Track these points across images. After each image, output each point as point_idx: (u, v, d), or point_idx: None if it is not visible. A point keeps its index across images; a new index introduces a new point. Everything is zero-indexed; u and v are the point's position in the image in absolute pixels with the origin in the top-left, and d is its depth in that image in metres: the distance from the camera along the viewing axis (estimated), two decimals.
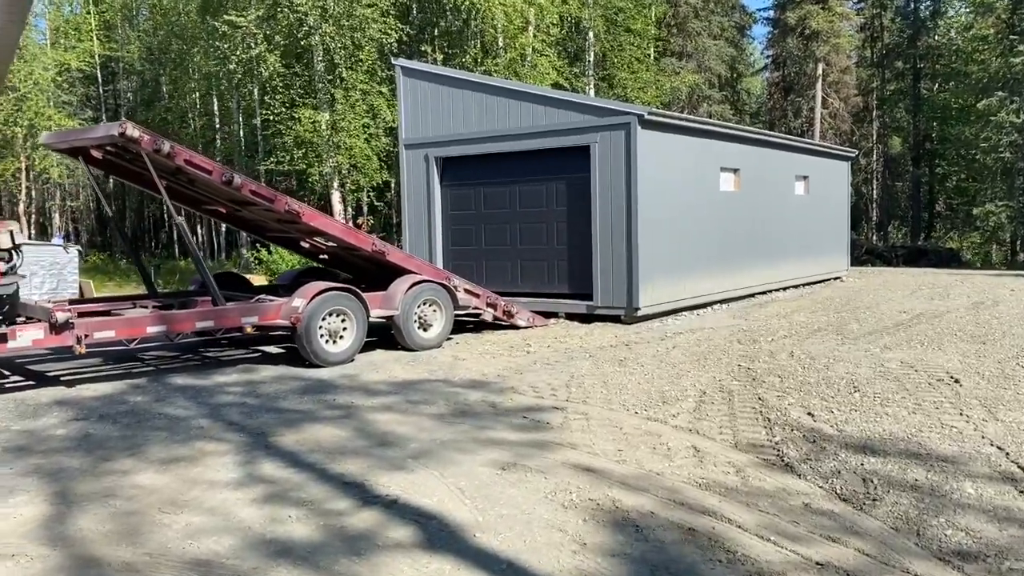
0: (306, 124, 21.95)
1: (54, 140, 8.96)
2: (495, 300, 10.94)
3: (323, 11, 21.47)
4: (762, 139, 15.38)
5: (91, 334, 7.52)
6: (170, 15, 30.27)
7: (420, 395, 7.48)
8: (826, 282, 18.29)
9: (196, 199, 9.88)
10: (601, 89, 29.81)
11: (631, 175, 11.52)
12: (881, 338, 10.05)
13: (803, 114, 35.88)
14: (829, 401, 6.81)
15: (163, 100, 32.96)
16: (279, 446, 5.94)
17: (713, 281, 13.55)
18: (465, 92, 13.16)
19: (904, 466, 5.17)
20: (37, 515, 4.61)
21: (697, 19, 33.93)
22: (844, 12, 34.58)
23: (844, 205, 19.45)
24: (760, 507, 4.57)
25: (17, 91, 27.03)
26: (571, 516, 4.48)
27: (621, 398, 7.12)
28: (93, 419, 6.72)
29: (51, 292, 13.81)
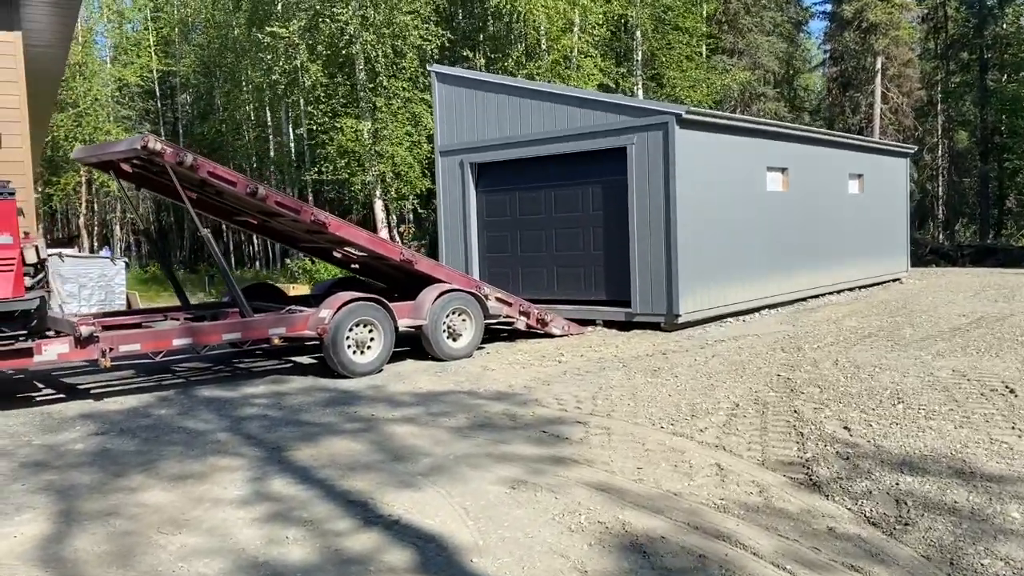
0: (348, 133, 22.07)
1: (84, 155, 9.06)
2: (528, 308, 10.73)
3: (364, 19, 21.57)
4: (812, 137, 14.85)
5: (116, 347, 7.55)
6: (222, 29, 30.85)
7: (442, 407, 7.32)
8: (884, 284, 17.61)
9: (227, 210, 9.90)
10: (650, 89, 29.37)
11: (669, 176, 11.19)
12: (935, 344, 9.54)
13: (862, 110, 34.81)
14: (869, 414, 6.42)
15: (218, 113, 33.60)
16: (293, 461, 5.83)
17: (760, 285, 13.10)
18: (499, 96, 13.00)
19: (944, 486, 4.79)
20: (37, 535, 4.57)
21: (748, 15, 33.21)
22: (904, 3, 33.43)
23: (902, 203, 18.69)
24: (780, 531, 4.27)
25: (77, 107, 27.88)
26: (576, 540, 4.24)
27: (648, 411, 6.84)
28: (113, 433, 6.72)
29: (100, 304, 14.09)
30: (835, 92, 37.69)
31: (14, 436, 6.70)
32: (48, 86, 12.70)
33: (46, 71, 11.77)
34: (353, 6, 21.55)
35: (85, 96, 28.03)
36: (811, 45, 47.47)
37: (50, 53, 11.10)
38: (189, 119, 37.86)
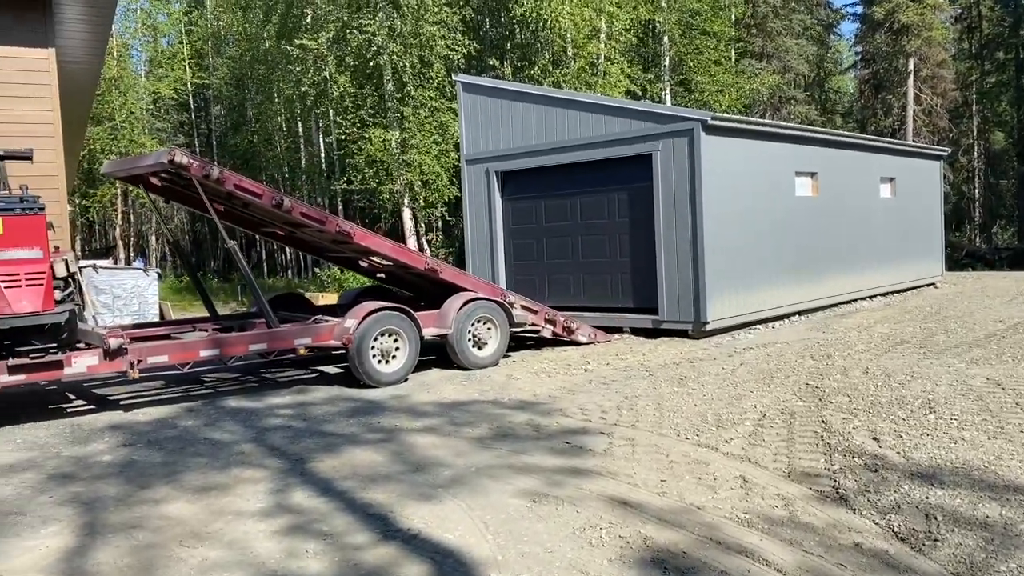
0: (376, 143, 22.21)
1: (113, 169, 9.20)
2: (554, 316, 10.69)
3: (391, 31, 21.71)
4: (841, 140, 14.66)
5: (144, 359, 7.63)
6: (253, 41, 31.26)
7: (466, 417, 7.30)
8: (917, 289, 17.31)
9: (254, 222, 10.00)
10: (678, 94, 29.22)
11: (695, 183, 11.10)
12: (969, 351, 9.34)
13: (894, 112, 34.35)
14: (899, 424, 6.29)
15: (250, 124, 34.03)
16: (314, 473, 5.84)
17: (790, 291, 12.93)
18: (524, 105, 13.00)
19: (975, 500, 4.67)
20: (61, 547, 4.61)
21: (777, 18, 32.92)
22: (936, 3, 32.92)
23: (936, 207, 18.37)
24: (805, 546, 4.18)
25: (113, 120, 28.40)
26: (596, 556, 4.19)
27: (673, 421, 6.76)
28: (140, 445, 6.79)
29: (134, 315, 14.28)
30: (867, 94, 37.22)
31: (43, 448, 6.79)
32: (82, 100, 12.94)
33: (80, 86, 12.00)
34: (380, 17, 21.72)
35: (120, 109, 28.56)
36: (842, 47, 46.97)
37: (84, 68, 11.32)
38: (222, 131, 38.39)
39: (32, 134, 9.16)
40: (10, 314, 6.87)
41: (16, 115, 9.28)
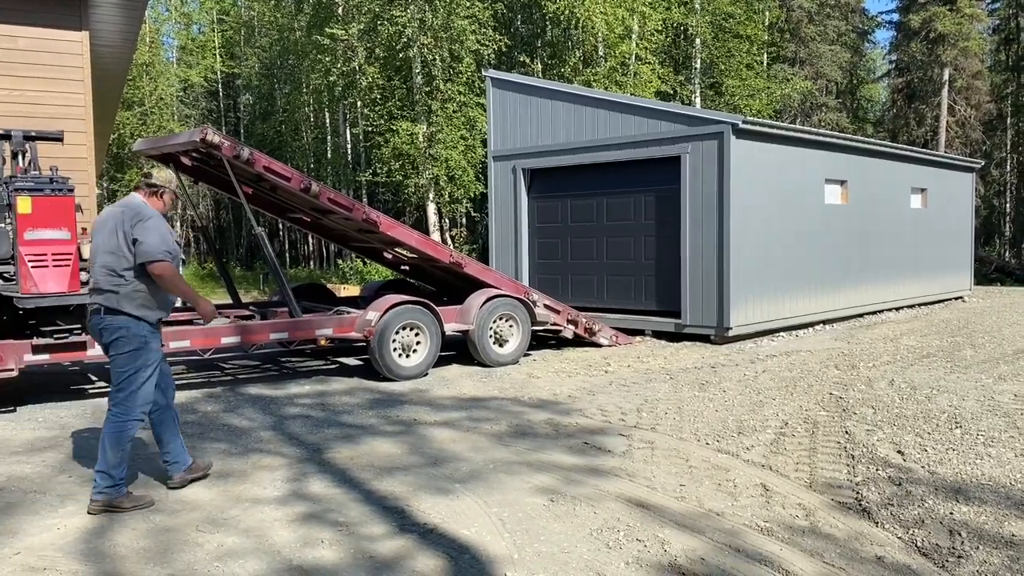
0: (404, 136, 22.24)
1: (145, 147, 9.26)
2: (576, 316, 10.63)
3: (422, 23, 21.72)
4: (873, 149, 14.47)
5: (167, 344, 7.66)
6: (284, 31, 31.41)
7: (485, 413, 7.27)
8: (945, 302, 17.08)
9: (281, 207, 10.03)
10: (708, 97, 29.02)
11: (724, 187, 11.00)
12: (996, 367, 9.18)
13: (927, 122, 33.88)
14: (924, 438, 6.19)
15: (278, 113, 34.20)
16: (332, 462, 5.84)
17: (815, 300, 12.79)
18: (553, 103, 12.95)
19: (1001, 517, 4.58)
20: (80, 527, 4.63)
21: (812, 24, 32.58)
22: (974, 14, 32.42)
23: (967, 219, 18.11)
24: (825, 558, 4.11)
25: (143, 106, 28.64)
26: (613, 558, 4.15)
27: (694, 426, 6.70)
28: None
29: None
30: (899, 103, 36.73)
31: (64, 427, 6.85)
32: (114, 84, 13.04)
33: (112, 70, 12.09)
34: (412, 10, 21.73)
35: (151, 95, 28.79)
36: (876, 55, 46.43)
37: (116, 52, 11.39)
38: (250, 119, 38.60)
39: (63, 116, 9.25)
40: (36, 294, 6.92)
41: (48, 96, 9.37)
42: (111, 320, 4.88)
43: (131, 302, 4.86)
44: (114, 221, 4.91)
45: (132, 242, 4.81)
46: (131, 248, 4.82)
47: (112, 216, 4.96)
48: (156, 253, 4.78)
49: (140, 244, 4.78)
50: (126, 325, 4.87)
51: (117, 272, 4.85)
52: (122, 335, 4.87)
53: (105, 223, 4.98)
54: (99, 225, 5.04)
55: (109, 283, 4.86)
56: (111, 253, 4.86)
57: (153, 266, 4.79)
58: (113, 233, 4.87)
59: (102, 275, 4.89)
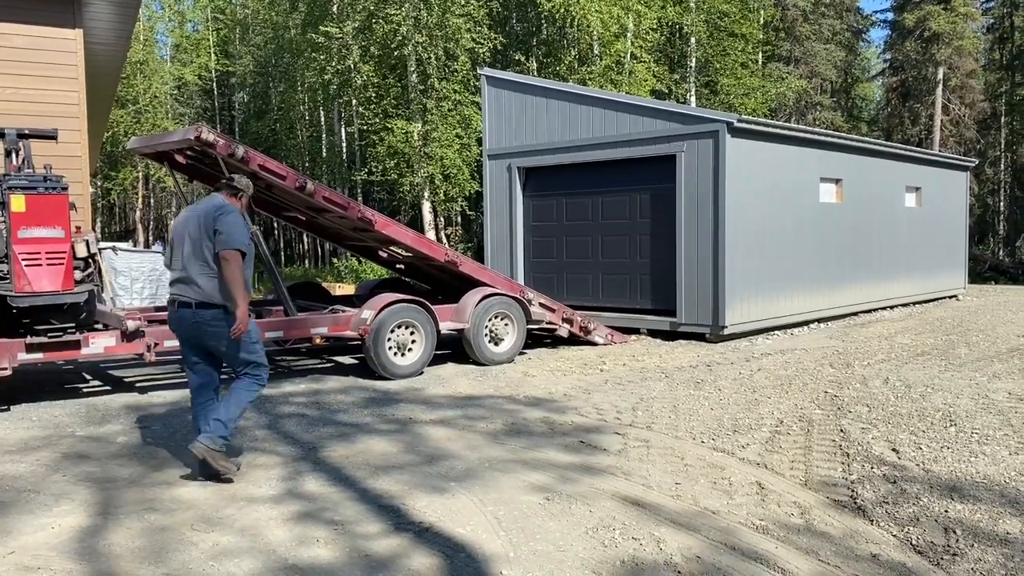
0: (399, 134, 22.21)
1: (139, 145, 9.22)
2: (571, 315, 10.63)
3: (416, 21, 21.70)
4: (867, 148, 14.50)
5: (161, 342, 7.65)
6: (278, 29, 31.35)
7: (480, 411, 7.27)
8: (939, 301, 17.13)
9: (276, 205, 9.99)
10: (703, 96, 29.05)
11: (719, 185, 11.01)
12: (991, 365, 9.21)
13: (922, 121, 33.99)
14: (919, 436, 6.20)
15: (273, 112, 34.15)
16: (327, 461, 5.83)
17: (810, 298, 12.81)
18: (549, 101, 12.94)
19: (996, 516, 4.59)
20: (74, 526, 4.62)
21: (806, 23, 32.64)
22: (968, 12, 32.52)
23: (961, 218, 18.16)
24: (821, 556, 4.12)
25: (137, 104, 28.57)
26: (609, 556, 4.15)
27: (689, 424, 6.70)
28: (156, 426, 6.81)
29: (150, 298, 14.33)
30: (894, 102, 36.84)
31: (59, 427, 6.83)
32: (108, 82, 13.01)
33: (106, 68, 12.06)
34: (406, 8, 21.70)
35: (145, 93, 28.72)
36: (870, 54, 46.53)
37: (110, 50, 11.37)
38: (245, 117, 38.53)
39: (57, 114, 9.22)
40: (30, 292, 6.90)
41: (42, 94, 9.34)
42: (207, 314, 5.22)
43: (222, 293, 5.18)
44: (198, 217, 5.26)
45: (214, 232, 5.14)
46: (212, 238, 5.15)
47: (196, 214, 5.32)
48: (232, 242, 5.11)
49: (220, 234, 5.12)
50: (220, 316, 5.22)
51: (208, 264, 5.20)
52: (219, 328, 5.23)
53: (189, 221, 5.32)
54: (183, 223, 5.38)
55: (203, 276, 5.20)
56: (198, 246, 5.21)
57: (225, 252, 5.09)
58: (199, 227, 5.22)
59: (194, 267, 5.22)
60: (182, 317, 5.31)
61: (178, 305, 5.31)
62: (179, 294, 5.29)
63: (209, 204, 5.34)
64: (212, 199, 5.41)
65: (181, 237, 5.31)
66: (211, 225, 5.16)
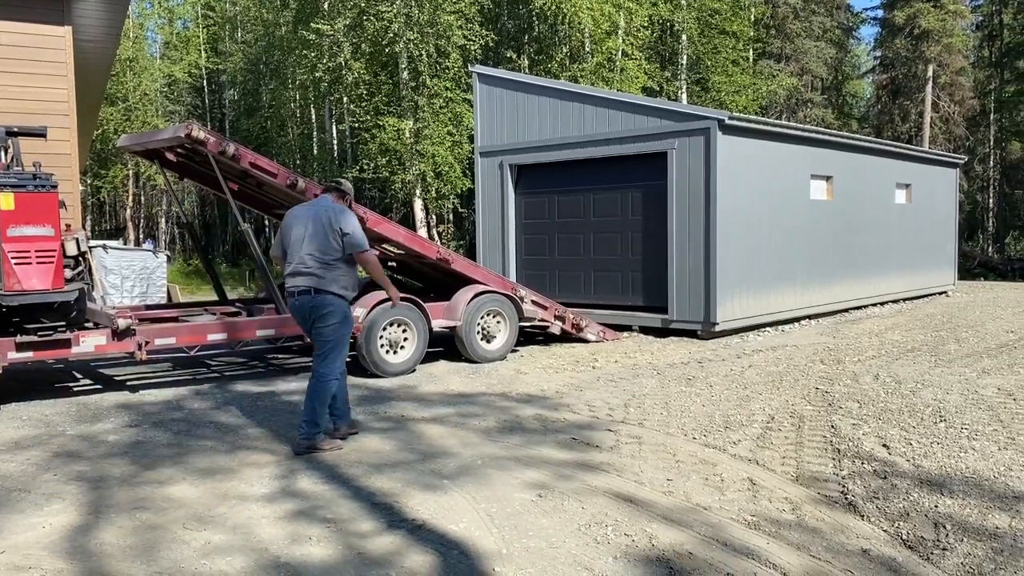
0: (390, 132, 22.17)
1: (130, 143, 9.19)
2: (564, 312, 10.64)
3: (408, 18, 21.65)
4: (858, 145, 14.56)
5: (152, 341, 7.63)
6: (269, 26, 31.24)
7: (472, 409, 7.28)
8: (929, 297, 17.21)
9: (266, 203, 9.98)
10: (694, 93, 29.10)
11: (710, 183, 11.04)
12: (980, 361, 9.26)
13: (911, 118, 34.11)
14: (909, 432, 6.24)
15: (263, 109, 34.04)
16: (320, 459, 5.82)
17: (801, 295, 12.86)
18: (540, 99, 12.94)
19: (985, 510, 4.62)
20: (65, 525, 4.61)
21: (797, 20, 32.72)
22: (958, 10, 32.65)
23: (951, 215, 18.25)
24: (812, 551, 4.14)
25: (127, 102, 28.43)
26: (601, 553, 4.16)
27: (681, 421, 6.72)
28: (147, 425, 6.79)
29: (141, 296, 14.30)
30: (884, 99, 36.94)
31: (50, 425, 6.80)
32: (97, 80, 12.94)
33: (95, 65, 11.99)
34: (398, 4, 21.65)
35: (135, 91, 28.57)
36: (860, 51, 46.67)
37: (100, 48, 11.30)
38: (236, 115, 38.39)
39: (46, 111, 9.16)
40: (19, 291, 6.86)
41: (31, 92, 9.28)
42: (321, 299, 5.83)
43: (336, 284, 5.85)
44: (316, 217, 5.87)
45: (341, 235, 5.77)
46: (339, 240, 5.79)
47: (310, 213, 5.93)
48: (362, 243, 5.87)
49: (349, 236, 5.81)
50: (334, 302, 5.87)
51: (326, 260, 5.81)
52: (331, 310, 5.86)
53: (301, 219, 5.94)
54: (295, 220, 5.98)
55: (318, 268, 5.81)
56: (318, 243, 5.81)
57: (362, 254, 5.90)
58: (319, 226, 5.83)
59: (312, 261, 5.82)
60: (303, 304, 5.91)
61: (298, 294, 5.90)
62: (297, 285, 5.90)
63: (325, 206, 5.92)
64: (324, 201, 6.01)
65: (299, 235, 5.88)
66: (333, 226, 5.78)
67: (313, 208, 5.99)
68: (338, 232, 5.80)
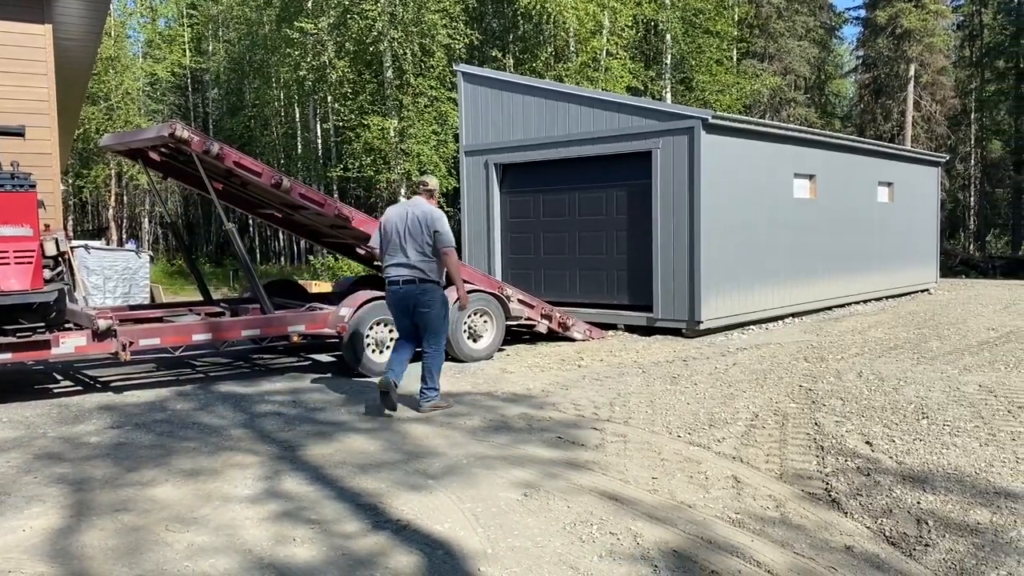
0: (375, 131, 22.11)
1: (113, 142, 9.11)
2: (550, 311, 10.65)
3: (392, 17, 21.60)
4: (841, 144, 14.65)
5: (136, 341, 7.57)
6: (252, 25, 31.08)
7: (458, 408, 7.26)
8: (912, 295, 17.34)
9: (251, 203, 9.93)
10: (679, 92, 29.18)
11: (694, 181, 11.07)
12: (962, 358, 9.34)
13: (894, 117, 34.38)
14: (892, 428, 6.28)
15: (247, 108, 33.86)
16: (305, 460, 5.80)
17: (785, 293, 12.93)
18: (525, 98, 12.94)
19: (967, 506, 4.66)
20: (47, 527, 4.56)
21: (780, 19, 32.88)
22: (939, 10, 32.93)
23: (933, 213, 18.40)
24: (796, 548, 4.16)
25: (109, 101, 28.20)
26: (587, 551, 4.16)
27: (666, 419, 6.74)
28: (129, 427, 6.73)
29: (123, 296, 14.19)
30: (867, 99, 37.20)
31: (30, 427, 6.74)
32: (78, 79, 12.83)
33: (76, 64, 11.89)
34: (382, 3, 21.59)
35: (116, 90, 28.34)
36: (843, 51, 46.98)
37: (80, 46, 11.20)
38: (219, 114, 38.18)
39: (26, 111, 9.08)
40: None
41: (10, 91, 9.19)
42: (426, 288, 6.92)
43: (435, 274, 6.95)
44: (415, 217, 6.90)
45: (433, 233, 6.82)
46: (431, 237, 6.84)
47: (409, 213, 6.95)
48: (450, 241, 6.93)
49: (439, 234, 6.86)
50: (435, 289, 6.98)
51: (427, 254, 6.89)
52: (434, 296, 6.96)
53: (404, 218, 6.95)
54: (396, 219, 7.00)
55: (420, 261, 6.89)
56: (417, 240, 6.87)
57: (447, 250, 6.90)
58: (417, 224, 6.88)
59: (415, 256, 6.89)
60: (408, 292, 6.94)
61: (403, 283, 6.93)
62: (401, 275, 6.93)
63: (421, 208, 6.95)
64: (418, 203, 7.02)
65: (400, 233, 6.91)
66: (431, 225, 6.83)
67: (411, 208, 6.98)
68: (432, 231, 6.83)
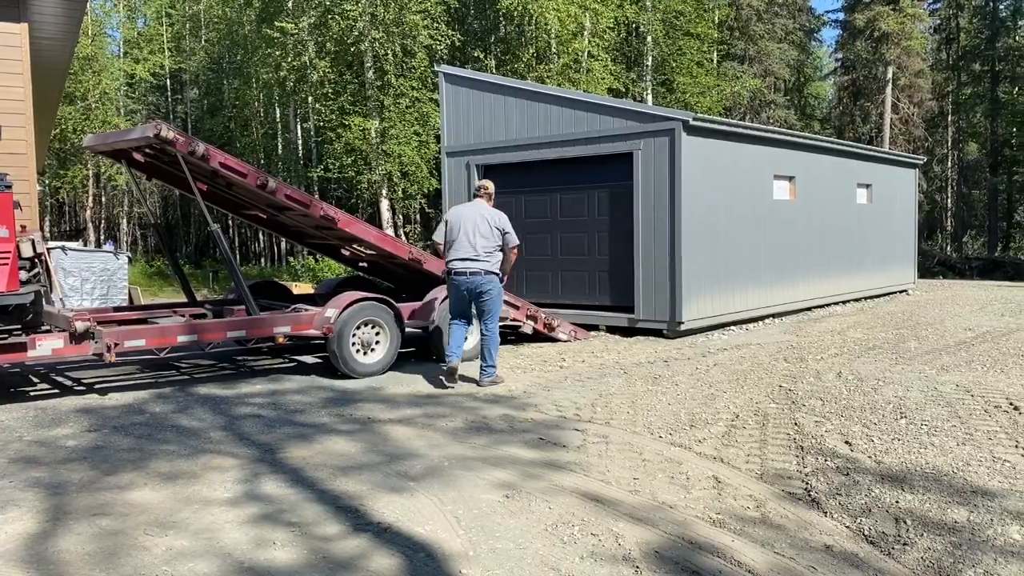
0: (356, 131, 22.03)
1: (96, 143, 9.01)
2: (535, 312, 10.65)
3: (373, 17, 21.54)
4: (820, 146, 14.77)
5: (121, 343, 7.49)
6: (232, 25, 30.89)
7: (440, 409, 7.25)
8: (890, 296, 17.50)
9: (236, 204, 9.85)
10: (660, 94, 29.30)
11: (675, 183, 11.12)
12: (939, 358, 9.44)
13: (872, 119, 34.71)
14: (871, 428, 6.33)
15: (227, 109, 33.64)
16: (285, 462, 5.77)
17: (765, 294, 13.01)
18: (507, 99, 12.94)
19: (944, 505, 4.71)
20: (22, 533, 4.51)
21: (760, 22, 33.11)
22: (916, 13, 33.28)
23: (911, 214, 18.59)
24: (776, 548, 4.18)
25: (86, 101, 27.93)
26: (568, 553, 4.16)
27: (647, 420, 6.76)
28: (107, 430, 6.66)
29: (101, 298, 14.05)
30: (845, 101, 37.55)
31: (5, 431, 6.65)
32: (55, 78, 12.69)
33: (53, 63, 11.76)
34: (363, 3, 21.52)
35: (94, 90, 28.07)
36: (822, 53, 47.37)
37: (57, 45, 11.08)
38: (198, 115, 37.90)
39: (1, 110, 8.97)
40: None
41: None
42: (489, 278, 8.04)
43: (496, 266, 8.09)
44: (482, 216, 8.05)
45: (502, 232, 8.07)
46: (500, 236, 8.05)
47: (476, 213, 8.09)
48: (516, 240, 8.26)
49: (507, 234, 8.12)
50: (494, 280, 8.10)
51: (490, 248, 8.01)
52: (494, 286, 8.10)
53: (471, 216, 8.07)
54: (463, 217, 8.09)
55: (485, 255, 7.99)
56: (485, 237, 7.99)
57: (514, 248, 8.22)
58: (485, 224, 8.02)
59: (481, 250, 7.98)
60: (473, 282, 8.00)
61: (469, 273, 7.98)
62: (468, 267, 7.99)
63: (488, 210, 8.14)
64: (480, 204, 8.20)
65: (467, 229, 7.97)
66: (501, 227, 8.05)
67: (476, 209, 8.13)
68: (500, 230, 8.03)
